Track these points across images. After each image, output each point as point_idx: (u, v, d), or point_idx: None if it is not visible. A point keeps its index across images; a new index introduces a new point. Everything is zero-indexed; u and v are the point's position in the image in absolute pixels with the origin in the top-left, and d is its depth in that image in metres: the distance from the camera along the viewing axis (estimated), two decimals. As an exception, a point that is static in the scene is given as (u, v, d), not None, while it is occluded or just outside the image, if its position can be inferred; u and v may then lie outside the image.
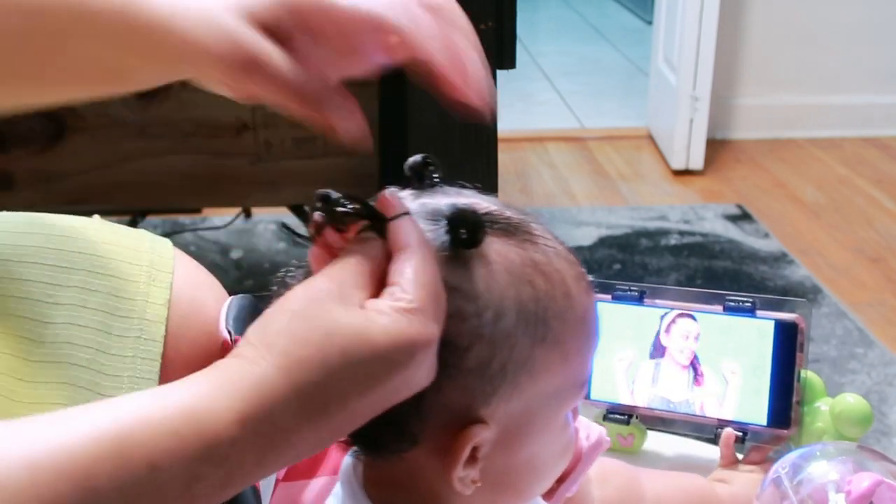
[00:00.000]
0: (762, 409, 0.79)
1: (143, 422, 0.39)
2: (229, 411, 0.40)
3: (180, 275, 0.61)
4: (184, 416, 0.39)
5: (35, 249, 0.56)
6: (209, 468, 0.39)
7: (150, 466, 0.38)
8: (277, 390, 0.41)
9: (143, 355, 0.56)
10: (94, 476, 0.37)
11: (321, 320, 0.42)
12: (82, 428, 0.38)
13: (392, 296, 0.44)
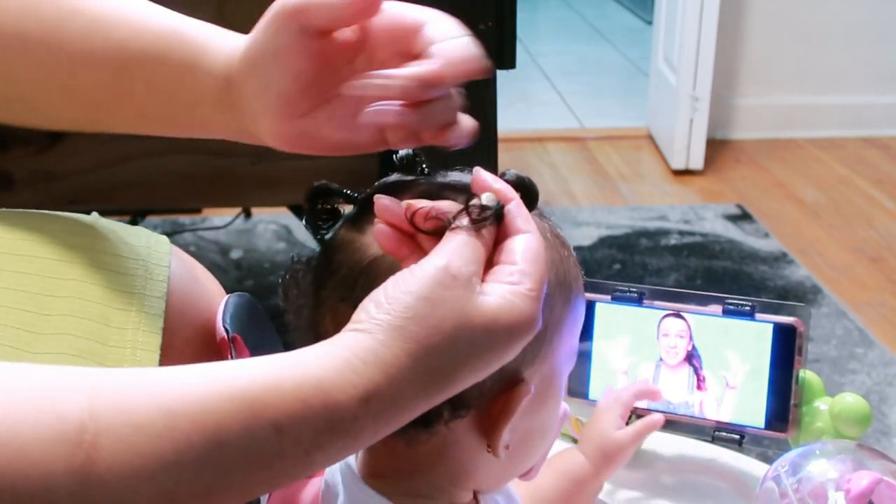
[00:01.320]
0: (760, 411, 0.79)
1: (275, 387, 0.40)
2: (356, 388, 0.41)
3: (176, 269, 0.61)
4: (313, 387, 0.40)
5: (34, 244, 0.57)
6: (329, 438, 0.41)
7: (277, 430, 0.39)
8: (405, 375, 0.42)
9: (143, 347, 0.56)
10: (225, 431, 0.38)
11: (450, 307, 0.44)
12: (217, 384, 0.39)
13: (514, 282, 0.46)
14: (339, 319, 0.50)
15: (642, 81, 3.32)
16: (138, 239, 0.61)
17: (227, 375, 0.40)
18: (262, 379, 0.40)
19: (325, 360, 0.42)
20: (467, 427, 0.52)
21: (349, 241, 0.53)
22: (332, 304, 0.52)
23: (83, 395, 0.37)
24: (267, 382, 0.40)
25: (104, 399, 0.37)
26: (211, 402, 0.39)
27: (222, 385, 0.39)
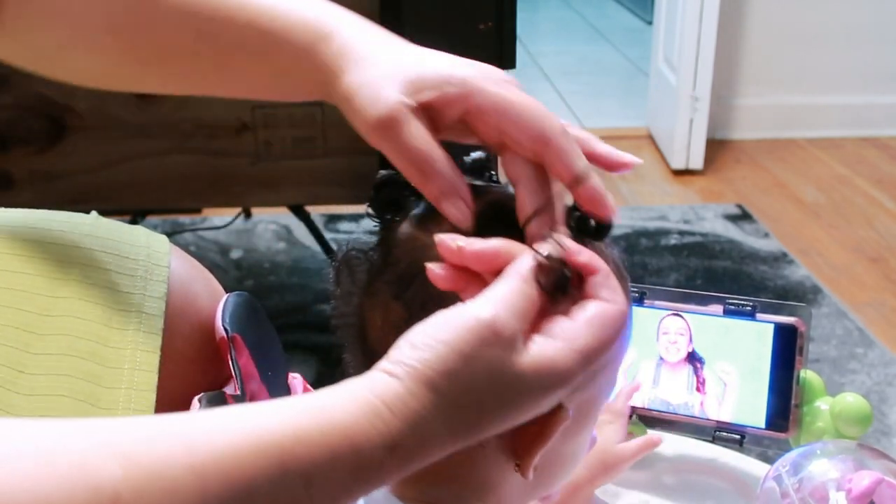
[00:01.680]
0: (761, 411, 0.79)
1: (304, 436, 0.39)
2: (382, 437, 0.40)
3: (175, 269, 0.61)
4: (340, 436, 0.40)
5: (33, 244, 0.57)
6: (356, 483, 0.40)
7: (306, 481, 0.39)
8: (431, 426, 0.41)
9: (143, 348, 0.56)
10: (255, 488, 0.38)
11: (486, 366, 0.42)
12: (247, 437, 0.38)
13: (565, 337, 0.44)
14: (389, 317, 0.50)
15: (642, 81, 3.32)
16: (138, 239, 0.61)
17: (255, 425, 0.39)
18: (292, 428, 0.39)
19: (352, 405, 0.41)
20: (499, 445, 0.51)
21: (412, 237, 0.52)
22: (383, 299, 0.52)
23: (115, 462, 0.36)
24: (296, 432, 0.39)
25: (137, 465, 0.36)
26: (241, 457, 0.38)
27: (253, 437, 0.38)
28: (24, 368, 0.53)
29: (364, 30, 0.54)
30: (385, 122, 0.49)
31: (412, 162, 0.49)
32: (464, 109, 0.50)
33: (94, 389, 0.54)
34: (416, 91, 0.50)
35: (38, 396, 0.52)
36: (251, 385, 0.61)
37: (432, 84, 0.50)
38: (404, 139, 0.49)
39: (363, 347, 0.54)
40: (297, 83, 0.55)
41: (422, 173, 0.49)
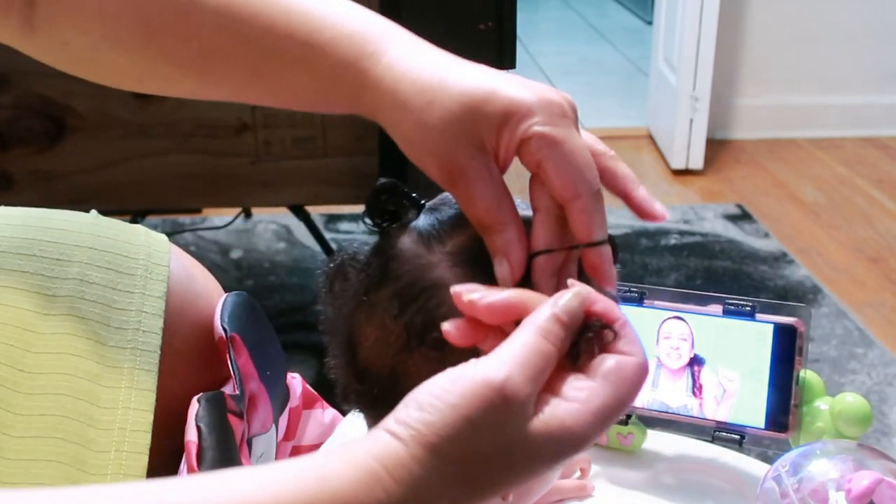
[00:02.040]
0: (760, 411, 0.79)
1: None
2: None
3: (175, 269, 0.61)
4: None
5: (33, 242, 0.57)
6: None
7: None
8: (435, 493, 0.40)
9: (143, 347, 0.56)
10: None
11: (495, 433, 0.40)
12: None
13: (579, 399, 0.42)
14: (386, 337, 0.49)
15: (642, 81, 3.32)
16: (137, 238, 0.61)
17: (251, 499, 0.38)
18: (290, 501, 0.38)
19: (353, 473, 0.39)
20: None
21: (415, 254, 0.50)
22: (380, 315, 0.50)
23: None
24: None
25: None
26: None
27: None
28: (24, 367, 0.53)
29: (409, 48, 0.51)
30: (459, 178, 0.48)
31: (480, 219, 0.48)
32: (519, 140, 0.48)
33: (94, 388, 0.54)
34: (484, 135, 0.48)
35: (38, 395, 0.52)
36: (250, 385, 0.61)
37: (497, 123, 0.48)
38: (475, 196, 0.48)
39: (352, 359, 0.52)
40: (338, 98, 0.52)
41: (485, 230, 0.48)
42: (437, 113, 0.48)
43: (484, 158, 0.48)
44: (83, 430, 0.53)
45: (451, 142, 0.48)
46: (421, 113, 0.48)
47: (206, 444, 0.54)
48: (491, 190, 0.48)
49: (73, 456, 0.52)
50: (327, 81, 0.52)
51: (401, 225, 0.52)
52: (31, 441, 0.51)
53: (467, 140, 0.47)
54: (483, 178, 0.47)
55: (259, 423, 0.63)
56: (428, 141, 0.48)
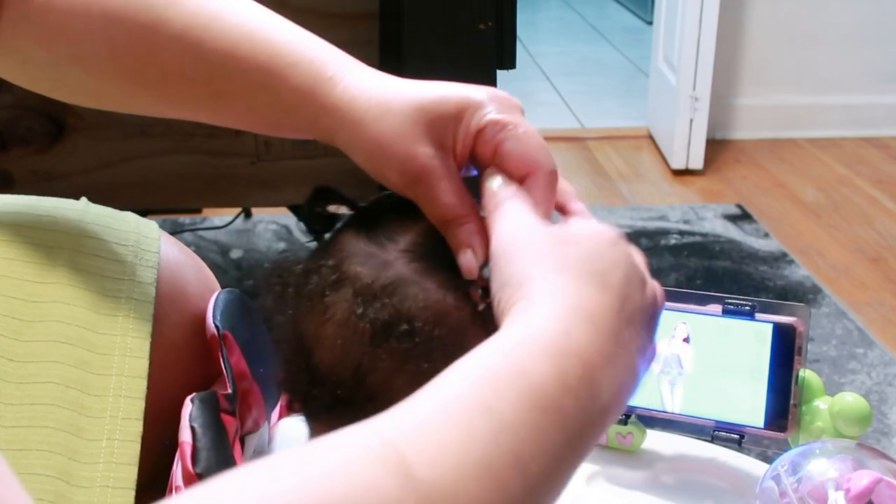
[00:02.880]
0: (759, 411, 0.79)
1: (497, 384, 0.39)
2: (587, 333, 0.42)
3: (165, 255, 0.61)
4: (572, 358, 0.41)
5: (22, 229, 0.57)
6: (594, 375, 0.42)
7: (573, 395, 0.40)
8: (587, 294, 0.44)
9: (133, 334, 0.56)
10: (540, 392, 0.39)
11: (567, 234, 0.47)
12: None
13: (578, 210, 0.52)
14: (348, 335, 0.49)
15: (642, 81, 3.32)
16: (127, 224, 0.61)
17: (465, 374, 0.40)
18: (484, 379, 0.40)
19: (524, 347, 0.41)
20: None
21: (368, 253, 0.51)
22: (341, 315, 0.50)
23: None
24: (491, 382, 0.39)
25: (403, 442, 0.36)
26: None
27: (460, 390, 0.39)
28: (13, 356, 0.52)
29: (364, 72, 0.53)
30: (420, 179, 0.50)
31: (442, 215, 0.50)
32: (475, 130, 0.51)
33: (84, 376, 0.54)
34: (441, 135, 0.50)
35: (29, 384, 0.52)
36: (243, 384, 0.61)
37: (452, 120, 0.51)
38: (437, 194, 0.50)
39: (307, 365, 0.51)
40: (296, 122, 0.54)
41: (447, 225, 0.50)
42: (394, 119, 0.50)
43: (443, 156, 0.50)
44: (74, 419, 0.53)
45: (409, 145, 0.50)
46: (378, 123, 0.50)
47: (201, 444, 0.54)
48: (452, 186, 0.50)
49: (64, 445, 0.52)
50: (287, 106, 0.53)
51: (341, 228, 0.53)
52: (21, 431, 0.51)
53: (425, 141, 0.50)
54: (444, 176, 0.50)
55: (251, 421, 0.63)
56: (386, 149, 0.50)
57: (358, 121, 0.51)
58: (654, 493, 0.81)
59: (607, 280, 0.45)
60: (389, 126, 0.50)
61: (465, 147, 0.51)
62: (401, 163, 0.50)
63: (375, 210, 0.53)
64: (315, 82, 0.52)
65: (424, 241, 0.51)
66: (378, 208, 0.53)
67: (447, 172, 0.50)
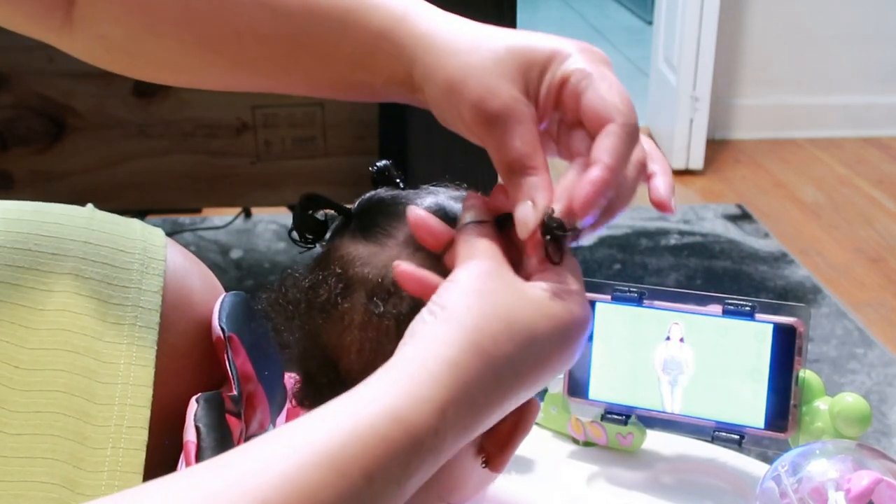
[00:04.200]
0: (760, 411, 0.79)
1: (354, 433, 0.39)
2: (432, 403, 0.41)
3: (171, 263, 0.61)
4: (390, 419, 0.40)
5: (28, 237, 0.56)
6: (416, 462, 0.40)
7: (367, 477, 0.39)
8: (473, 370, 0.42)
9: (139, 343, 0.56)
10: (319, 500, 0.38)
11: (506, 297, 0.44)
12: (301, 452, 0.39)
13: (551, 279, 0.46)
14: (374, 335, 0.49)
15: (642, 81, 3.32)
16: (133, 232, 0.61)
17: (306, 438, 0.39)
18: (340, 429, 0.39)
19: (394, 381, 0.41)
20: (474, 442, 0.51)
21: (370, 253, 0.51)
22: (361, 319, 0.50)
23: None
24: (345, 431, 0.39)
25: None
26: (301, 478, 0.38)
27: (307, 451, 0.38)
28: (19, 364, 0.52)
29: (450, 15, 0.52)
30: (499, 118, 0.48)
31: (512, 161, 0.49)
32: (561, 78, 0.49)
33: (90, 384, 0.54)
34: (527, 80, 0.49)
35: (34, 392, 0.52)
36: (248, 386, 0.61)
37: (540, 68, 0.49)
38: (512, 138, 0.48)
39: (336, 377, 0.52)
40: (376, 65, 0.52)
41: (514, 172, 0.49)
42: (483, 54, 0.49)
43: (526, 102, 0.49)
44: (79, 427, 0.53)
45: (495, 81, 0.48)
46: (466, 55, 0.49)
47: (205, 444, 0.54)
48: (530, 133, 0.48)
49: (69, 453, 0.52)
50: (368, 50, 0.52)
51: (334, 233, 0.53)
52: (26, 438, 0.51)
53: (511, 82, 0.48)
54: (523, 122, 0.48)
55: (257, 424, 0.63)
56: (470, 81, 0.48)
57: (443, 50, 0.50)
58: (654, 494, 0.81)
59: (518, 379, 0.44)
60: (477, 59, 0.49)
61: (548, 97, 0.49)
62: (481, 98, 0.48)
63: (365, 210, 0.53)
64: (400, 17, 0.51)
65: None
66: (367, 208, 0.53)
67: (527, 118, 0.48)
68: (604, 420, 0.83)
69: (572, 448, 0.84)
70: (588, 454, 0.84)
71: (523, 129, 0.48)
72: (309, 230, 0.54)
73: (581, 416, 0.84)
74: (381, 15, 0.51)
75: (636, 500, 0.81)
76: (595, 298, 0.82)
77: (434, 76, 0.50)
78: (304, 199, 0.54)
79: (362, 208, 0.54)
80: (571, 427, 0.85)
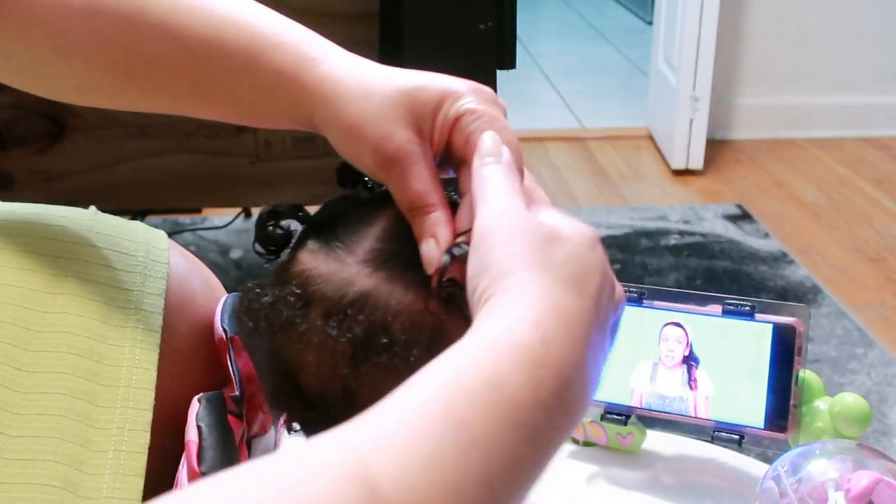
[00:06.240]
0: (759, 411, 0.79)
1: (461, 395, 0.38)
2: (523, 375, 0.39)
3: (174, 266, 0.61)
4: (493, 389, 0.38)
5: (31, 239, 0.57)
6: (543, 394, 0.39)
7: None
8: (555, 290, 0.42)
9: (142, 345, 0.56)
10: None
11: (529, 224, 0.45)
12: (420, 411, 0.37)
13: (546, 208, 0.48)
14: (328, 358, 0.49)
15: (642, 81, 3.32)
16: (136, 234, 0.61)
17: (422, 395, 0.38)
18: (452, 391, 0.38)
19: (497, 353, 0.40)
20: None
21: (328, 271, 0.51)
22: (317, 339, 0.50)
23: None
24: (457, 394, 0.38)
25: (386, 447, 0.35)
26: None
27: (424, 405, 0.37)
28: (22, 366, 0.52)
29: (348, 57, 0.54)
30: (396, 161, 0.50)
31: (412, 201, 0.50)
32: (454, 118, 0.51)
33: (92, 387, 0.54)
34: (420, 120, 0.51)
35: (36, 394, 0.52)
36: (250, 387, 0.61)
37: (432, 107, 0.51)
38: (409, 179, 0.50)
39: (297, 391, 0.51)
40: (278, 105, 0.54)
41: (415, 212, 0.51)
42: (375, 100, 0.51)
43: (420, 142, 0.51)
44: (81, 430, 0.53)
45: (388, 127, 0.50)
46: (360, 103, 0.51)
47: (207, 443, 0.54)
48: (425, 172, 0.50)
49: (70, 455, 0.52)
50: (269, 88, 0.53)
51: (297, 243, 0.53)
52: (28, 440, 0.51)
53: (404, 125, 0.50)
54: (417, 162, 0.50)
55: (259, 425, 0.63)
56: (365, 129, 0.51)
57: (339, 98, 0.52)
58: (654, 494, 0.81)
59: (585, 286, 0.44)
60: (370, 106, 0.51)
61: (441, 135, 0.51)
62: (377, 144, 0.50)
63: (326, 221, 0.53)
64: (300, 62, 0.53)
65: (383, 246, 0.51)
66: (330, 217, 0.53)
67: (421, 158, 0.50)
68: (604, 420, 0.83)
69: (572, 448, 0.84)
70: (588, 454, 0.84)
71: (418, 169, 0.50)
72: (271, 243, 0.54)
73: (581, 416, 0.84)
74: (280, 56, 0.53)
75: (636, 500, 0.81)
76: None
77: (333, 124, 0.52)
78: (263, 213, 0.54)
79: (323, 218, 0.54)
80: (571, 427, 0.85)
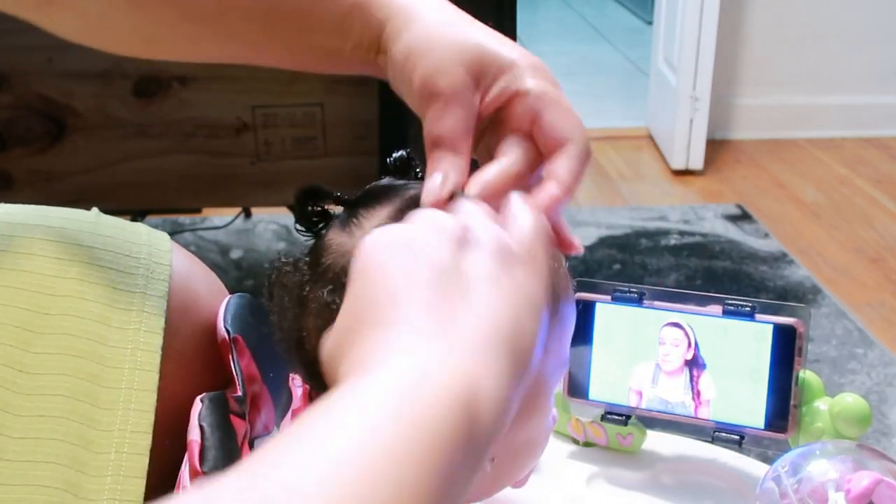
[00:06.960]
0: (760, 412, 0.79)
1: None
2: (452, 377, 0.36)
3: (177, 268, 0.61)
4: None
5: (33, 241, 0.56)
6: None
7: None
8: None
9: (144, 347, 0.56)
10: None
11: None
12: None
13: None
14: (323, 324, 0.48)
15: (642, 81, 3.32)
16: (139, 236, 0.61)
17: None
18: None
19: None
20: None
21: (338, 244, 0.51)
22: (318, 307, 0.50)
23: None
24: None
25: None
26: None
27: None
28: (24, 368, 0.52)
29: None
30: (443, 95, 0.49)
31: (439, 136, 0.50)
32: (515, 91, 0.51)
33: (94, 389, 0.54)
34: (482, 77, 0.50)
35: (38, 396, 0.52)
36: (253, 387, 0.61)
37: (496, 72, 0.50)
38: (447, 116, 0.49)
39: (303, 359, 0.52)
40: (348, 31, 0.53)
41: (438, 147, 0.50)
42: (453, 37, 0.50)
43: (473, 93, 0.50)
44: (83, 432, 0.53)
45: (453, 63, 0.50)
46: (437, 27, 0.51)
47: (209, 443, 0.54)
48: (464, 119, 0.50)
49: (72, 457, 0.52)
50: (342, 15, 0.53)
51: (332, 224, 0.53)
52: (30, 442, 0.51)
53: (467, 72, 0.50)
54: (464, 107, 0.50)
55: (261, 425, 0.63)
56: (430, 55, 0.50)
57: (420, 18, 0.51)
58: (654, 494, 0.81)
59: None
60: (445, 39, 0.50)
61: (493, 102, 0.51)
62: (435, 70, 0.49)
63: (356, 201, 0.53)
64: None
65: (389, 222, 0.50)
66: (359, 198, 0.53)
67: (469, 106, 0.50)
68: (604, 420, 0.83)
69: (572, 448, 0.84)
70: (588, 454, 0.84)
71: (462, 113, 0.49)
72: (311, 222, 0.54)
73: (581, 416, 0.84)
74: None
75: (636, 501, 0.81)
76: (595, 299, 0.83)
77: (400, 37, 0.51)
78: (304, 191, 0.54)
79: (356, 198, 0.54)
80: (571, 427, 0.85)
